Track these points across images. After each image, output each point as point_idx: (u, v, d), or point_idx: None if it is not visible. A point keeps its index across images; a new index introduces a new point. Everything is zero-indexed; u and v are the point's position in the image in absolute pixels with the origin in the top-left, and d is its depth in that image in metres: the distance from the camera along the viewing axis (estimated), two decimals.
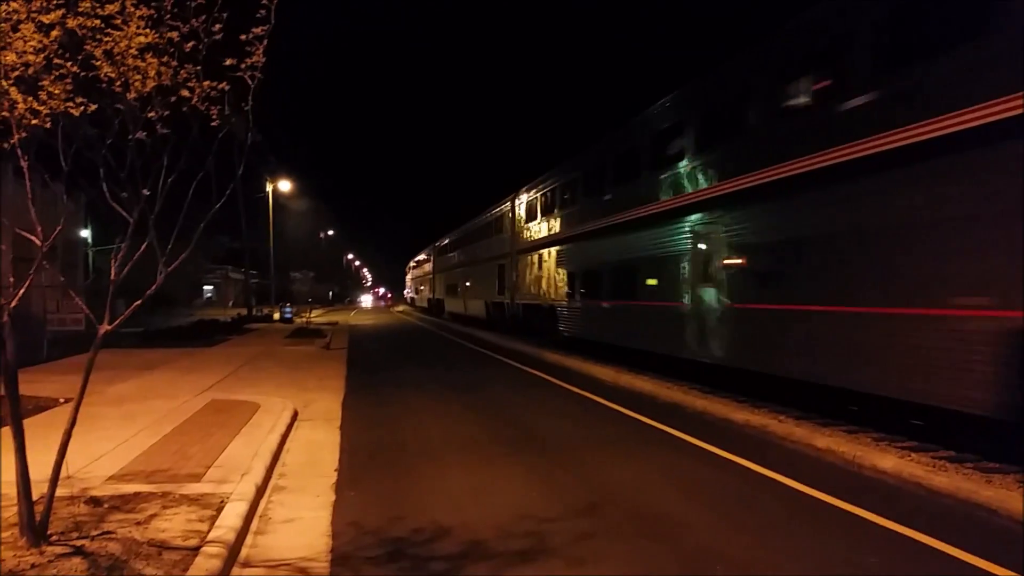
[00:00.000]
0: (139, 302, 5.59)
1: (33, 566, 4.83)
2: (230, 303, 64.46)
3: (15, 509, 5.26)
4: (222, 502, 6.44)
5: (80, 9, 4.98)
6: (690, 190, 14.33)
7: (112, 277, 5.51)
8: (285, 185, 50.10)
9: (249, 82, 5.48)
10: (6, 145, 5.13)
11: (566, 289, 22.56)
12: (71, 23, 4.95)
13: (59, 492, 5.46)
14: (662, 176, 15.69)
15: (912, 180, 8.71)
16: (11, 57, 4.82)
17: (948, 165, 8.19)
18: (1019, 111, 7.21)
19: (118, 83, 5.20)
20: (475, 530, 6.27)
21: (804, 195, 10.78)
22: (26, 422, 5.55)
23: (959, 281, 8.04)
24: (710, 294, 13.44)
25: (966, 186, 7.98)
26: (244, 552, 5.72)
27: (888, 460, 8.25)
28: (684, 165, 14.66)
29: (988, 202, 7.71)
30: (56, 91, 5.08)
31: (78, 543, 5.24)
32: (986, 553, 5.72)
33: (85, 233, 37.99)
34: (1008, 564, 5.51)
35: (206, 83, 5.42)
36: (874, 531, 6.38)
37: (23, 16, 4.86)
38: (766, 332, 11.83)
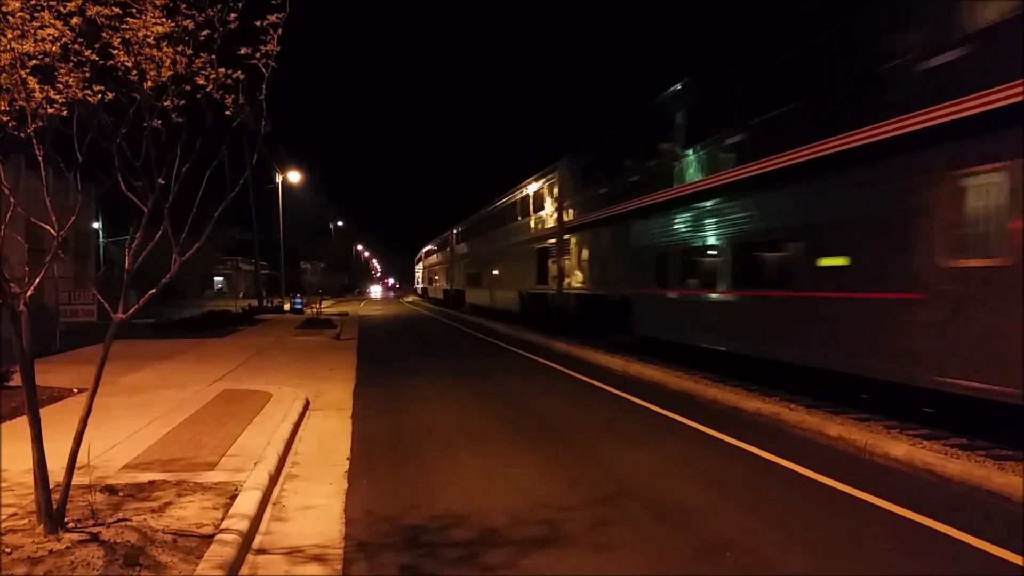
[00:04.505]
0: (153, 291, 5.62)
1: (51, 552, 4.88)
2: (241, 294, 64.58)
3: (32, 496, 5.33)
4: (236, 490, 6.49)
5: None
6: (922, 108, 8.80)
7: (126, 267, 5.55)
8: (295, 176, 50.16)
9: (263, 71, 5.49)
10: (22, 134, 5.16)
11: (652, 274, 17.04)
12: (90, 11, 4.96)
13: (75, 480, 5.52)
14: (876, 89, 9.80)
15: None
16: (29, 46, 4.84)
17: None
18: None
19: (134, 72, 5.22)
20: (489, 518, 6.30)
21: None
22: (41, 411, 5.60)
23: None
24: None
25: None
26: (258, 539, 5.76)
27: (900, 447, 8.24)
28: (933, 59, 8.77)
29: None
30: (72, 81, 5.11)
31: (95, 530, 5.29)
32: (998, 539, 5.72)
33: (96, 224, 38.22)
34: (1020, 550, 5.49)
35: (221, 70, 5.43)
36: (886, 518, 6.38)
37: (43, 2, 4.88)
38: None
